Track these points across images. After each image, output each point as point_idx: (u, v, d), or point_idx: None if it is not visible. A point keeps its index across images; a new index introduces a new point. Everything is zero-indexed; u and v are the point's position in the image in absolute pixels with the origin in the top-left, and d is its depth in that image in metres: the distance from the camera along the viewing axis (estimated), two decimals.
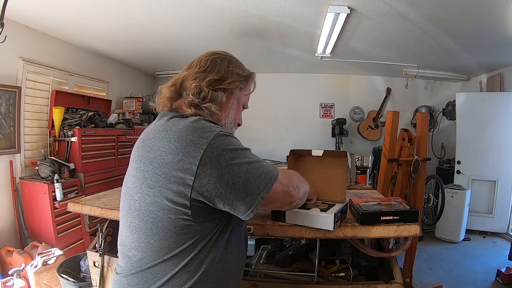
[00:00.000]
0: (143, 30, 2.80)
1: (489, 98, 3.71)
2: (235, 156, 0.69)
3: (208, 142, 0.67)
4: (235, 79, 0.85)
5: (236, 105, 0.90)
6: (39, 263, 2.04)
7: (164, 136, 0.71)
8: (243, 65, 0.92)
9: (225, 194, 0.68)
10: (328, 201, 1.11)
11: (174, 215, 0.68)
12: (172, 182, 0.67)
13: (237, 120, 0.92)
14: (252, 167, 0.71)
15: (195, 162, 0.66)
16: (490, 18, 2.33)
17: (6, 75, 2.42)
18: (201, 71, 0.82)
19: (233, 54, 0.92)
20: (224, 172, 0.67)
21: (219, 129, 0.72)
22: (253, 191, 0.70)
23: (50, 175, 2.52)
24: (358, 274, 1.29)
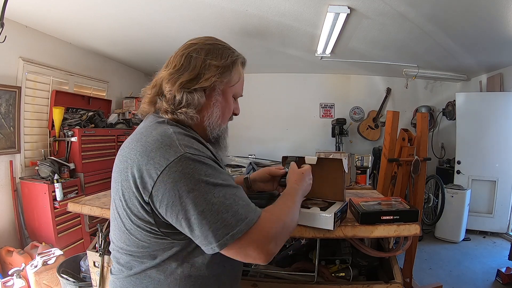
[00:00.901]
0: (143, 30, 2.80)
1: (489, 98, 3.71)
2: (193, 188, 0.60)
3: (167, 164, 0.61)
4: (212, 74, 0.74)
5: (222, 100, 0.79)
6: (39, 263, 2.04)
7: (134, 148, 0.67)
8: (227, 49, 0.79)
9: (176, 223, 0.63)
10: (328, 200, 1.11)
11: (144, 231, 0.67)
12: (134, 198, 0.65)
13: (226, 115, 0.82)
14: (210, 209, 0.60)
15: (151, 183, 0.61)
16: (490, 18, 2.33)
17: (6, 75, 2.42)
18: (175, 71, 0.74)
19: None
20: (175, 202, 0.61)
21: (186, 149, 0.63)
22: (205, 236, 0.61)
23: (50, 175, 2.52)
24: (358, 274, 1.29)
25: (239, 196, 0.65)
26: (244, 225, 0.62)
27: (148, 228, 0.66)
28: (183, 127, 0.73)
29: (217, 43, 0.79)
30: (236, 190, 0.66)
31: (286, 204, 0.77)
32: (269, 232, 0.65)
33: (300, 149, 4.69)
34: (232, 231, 0.61)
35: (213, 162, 0.67)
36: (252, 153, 4.32)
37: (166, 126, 0.70)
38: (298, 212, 0.80)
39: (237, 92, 0.83)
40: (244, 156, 4.09)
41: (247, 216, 0.63)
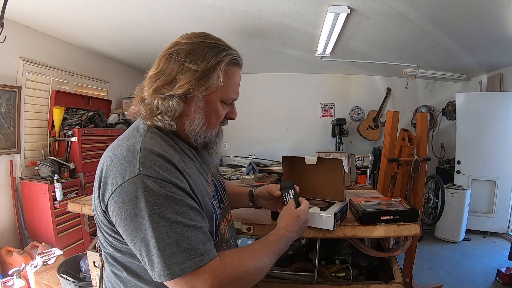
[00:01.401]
0: (143, 30, 2.80)
1: (489, 98, 3.71)
2: (136, 214, 0.57)
3: (121, 183, 0.59)
4: (188, 80, 0.67)
5: (206, 106, 0.71)
6: (39, 263, 2.04)
7: (107, 156, 0.66)
8: (214, 49, 0.70)
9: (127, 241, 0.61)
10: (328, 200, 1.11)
11: (114, 240, 0.67)
12: (99, 208, 0.65)
13: (212, 122, 0.74)
14: (146, 242, 0.57)
15: (107, 195, 0.61)
16: (490, 18, 2.33)
17: (6, 75, 2.42)
18: (154, 74, 0.69)
19: None
20: (121, 222, 0.59)
21: (144, 170, 0.58)
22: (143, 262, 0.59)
23: (50, 175, 2.52)
24: (358, 274, 1.29)
25: (186, 236, 0.58)
26: (178, 270, 0.56)
27: (114, 237, 0.66)
28: (162, 135, 0.70)
29: (204, 41, 0.71)
30: (187, 229, 0.58)
31: (259, 252, 0.70)
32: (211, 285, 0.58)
33: (300, 149, 4.69)
34: (161, 272, 0.56)
35: (172, 188, 0.60)
36: (252, 153, 4.33)
37: (139, 137, 0.66)
38: (270, 263, 0.71)
39: (227, 96, 0.74)
40: (244, 156, 4.09)
41: (184, 262, 0.57)
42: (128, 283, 0.69)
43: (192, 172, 0.69)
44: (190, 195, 0.63)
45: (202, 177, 0.75)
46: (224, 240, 0.80)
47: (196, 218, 0.62)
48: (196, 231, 0.60)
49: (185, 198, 0.61)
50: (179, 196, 0.60)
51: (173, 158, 0.64)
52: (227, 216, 0.88)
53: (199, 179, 0.71)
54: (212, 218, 0.73)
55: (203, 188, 0.71)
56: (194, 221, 0.61)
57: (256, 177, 2.16)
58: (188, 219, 0.60)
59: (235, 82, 0.75)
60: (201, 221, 0.63)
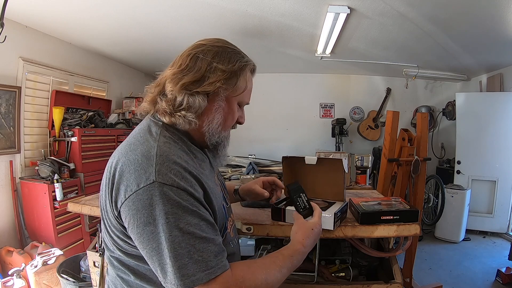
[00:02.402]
0: (143, 30, 2.80)
1: (489, 98, 3.71)
2: (150, 223, 0.58)
3: (135, 190, 0.59)
4: (218, 78, 0.70)
5: (226, 106, 0.74)
6: (39, 263, 2.04)
7: (119, 160, 0.65)
8: (237, 54, 0.75)
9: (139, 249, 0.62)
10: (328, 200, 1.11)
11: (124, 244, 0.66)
12: (111, 213, 0.65)
13: (228, 123, 0.77)
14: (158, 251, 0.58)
15: (120, 201, 0.61)
16: (490, 18, 2.33)
17: (6, 75, 2.42)
18: (179, 71, 0.70)
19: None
20: (134, 229, 0.60)
21: (160, 177, 0.58)
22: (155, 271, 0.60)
23: (50, 175, 2.52)
24: (358, 274, 1.29)
25: (197, 248, 0.58)
26: (189, 282, 0.56)
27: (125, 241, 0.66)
28: (175, 137, 0.70)
29: (227, 46, 0.75)
30: (199, 240, 0.59)
31: (272, 266, 0.69)
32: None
33: (300, 149, 4.69)
34: (173, 282, 0.57)
35: (187, 196, 0.60)
36: (252, 153, 4.32)
37: (153, 142, 0.65)
38: (283, 278, 0.70)
39: (243, 100, 0.80)
40: (244, 156, 4.09)
41: (195, 274, 0.57)
42: (135, 287, 0.69)
43: (206, 177, 0.69)
44: (203, 205, 0.63)
45: (213, 179, 0.77)
46: (231, 238, 0.82)
47: (208, 230, 0.62)
48: (207, 242, 0.60)
49: (199, 208, 0.62)
50: (193, 206, 0.60)
51: (188, 164, 0.64)
52: (232, 215, 0.91)
53: (212, 183, 0.72)
54: (223, 219, 0.75)
55: (216, 191, 0.73)
56: (206, 233, 0.61)
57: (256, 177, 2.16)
58: (200, 230, 0.60)
59: (250, 88, 0.81)
60: (212, 233, 0.63)
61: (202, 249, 0.59)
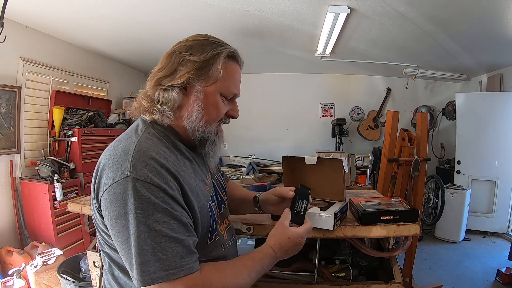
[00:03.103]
0: (143, 30, 2.80)
1: (489, 98, 3.71)
2: (120, 216, 0.58)
3: (110, 184, 0.60)
4: (187, 70, 0.69)
5: (205, 98, 0.72)
6: (39, 263, 2.04)
7: (103, 156, 0.67)
8: (213, 44, 0.73)
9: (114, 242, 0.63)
10: (328, 200, 1.11)
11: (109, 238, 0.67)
12: (94, 206, 0.67)
13: (212, 116, 0.74)
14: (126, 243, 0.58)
15: (100, 194, 0.63)
16: (490, 18, 2.33)
17: (6, 75, 2.42)
18: (157, 70, 0.73)
19: None
20: (108, 220, 0.61)
21: (134, 172, 0.59)
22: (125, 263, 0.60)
23: (50, 175, 2.52)
24: (358, 274, 1.29)
25: (162, 246, 0.57)
26: (148, 279, 0.56)
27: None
28: (160, 134, 0.71)
29: (204, 38, 0.74)
30: (165, 239, 0.57)
31: (242, 269, 0.68)
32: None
33: (300, 149, 4.69)
34: (135, 277, 0.57)
35: (160, 193, 0.59)
36: (252, 153, 4.33)
37: (135, 139, 0.66)
38: (251, 281, 0.69)
39: (228, 91, 0.74)
40: (244, 156, 4.09)
41: (156, 272, 0.56)
42: (125, 286, 0.69)
43: (187, 175, 0.68)
44: (178, 202, 0.62)
45: (200, 178, 0.75)
46: (223, 241, 0.80)
47: (179, 230, 0.60)
48: (174, 242, 0.59)
49: (172, 206, 0.60)
50: (164, 203, 0.59)
51: (167, 160, 0.64)
52: (228, 216, 0.89)
53: (194, 181, 0.71)
54: (209, 219, 0.73)
55: (199, 190, 0.71)
56: (176, 233, 0.59)
57: (256, 177, 2.17)
58: (168, 229, 0.58)
59: (235, 77, 0.76)
60: (183, 233, 0.61)
61: (168, 248, 0.58)
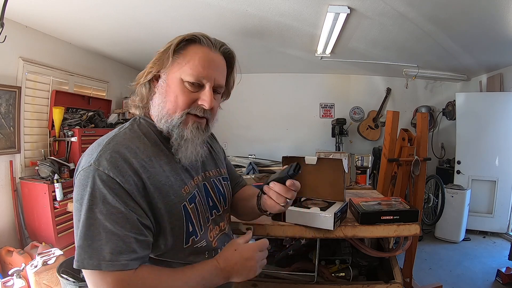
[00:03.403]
0: (143, 30, 2.80)
1: (489, 98, 3.71)
2: (78, 200, 0.62)
3: (79, 171, 0.64)
4: (151, 65, 0.74)
5: (166, 86, 0.72)
6: (39, 263, 2.04)
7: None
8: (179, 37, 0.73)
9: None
10: (328, 200, 1.11)
11: None
12: None
13: (173, 103, 0.71)
14: (77, 226, 0.61)
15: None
16: (490, 18, 2.33)
17: (6, 75, 2.42)
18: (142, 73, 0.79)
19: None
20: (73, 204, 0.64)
21: (96, 163, 0.61)
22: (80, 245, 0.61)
23: (50, 175, 2.52)
24: (358, 274, 1.29)
25: (100, 237, 0.59)
26: (80, 263, 0.58)
27: None
28: (144, 130, 0.74)
29: (182, 36, 0.74)
30: (105, 232, 0.59)
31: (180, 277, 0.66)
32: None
33: (300, 149, 4.69)
34: (75, 257, 0.59)
35: (115, 185, 0.61)
36: (252, 153, 4.33)
37: (115, 132, 0.71)
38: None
39: (188, 73, 0.70)
40: (244, 156, 4.09)
41: (85, 259, 0.58)
42: None
43: (158, 172, 0.68)
44: (133, 197, 0.62)
45: (178, 177, 0.72)
46: (209, 248, 0.77)
47: (124, 225, 0.60)
48: (113, 236, 0.59)
49: (124, 199, 0.61)
50: (115, 196, 0.60)
51: (135, 155, 0.66)
52: (221, 224, 0.85)
53: (167, 179, 0.69)
54: (181, 221, 0.70)
55: (171, 189, 0.69)
56: (119, 227, 0.59)
57: (256, 177, 2.16)
58: (111, 222, 0.59)
59: (195, 59, 0.71)
60: (128, 229, 0.60)
61: (106, 240, 0.59)
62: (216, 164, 0.90)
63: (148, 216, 0.65)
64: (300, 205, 1.07)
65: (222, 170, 0.91)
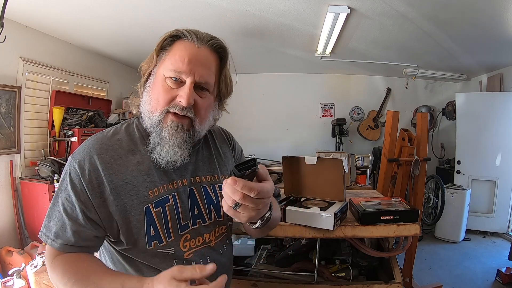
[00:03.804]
0: (143, 30, 2.80)
1: (489, 98, 3.71)
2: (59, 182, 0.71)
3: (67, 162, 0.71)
4: (146, 61, 0.76)
5: (153, 83, 0.72)
6: (39, 263, 2.04)
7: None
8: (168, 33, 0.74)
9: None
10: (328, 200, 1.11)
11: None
12: None
13: (157, 100, 0.69)
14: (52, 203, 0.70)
15: None
16: (490, 18, 2.33)
17: (6, 75, 2.42)
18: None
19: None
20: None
21: (73, 157, 0.69)
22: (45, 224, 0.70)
23: (50, 175, 2.52)
24: (358, 274, 1.29)
25: (54, 218, 0.68)
26: (40, 234, 0.70)
27: None
28: (130, 127, 0.77)
29: (168, 32, 0.75)
30: (59, 213, 0.68)
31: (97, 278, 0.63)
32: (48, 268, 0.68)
33: (300, 149, 4.69)
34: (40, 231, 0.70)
35: (76, 176, 0.67)
36: (252, 153, 4.32)
37: (102, 132, 0.75)
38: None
39: (168, 68, 0.69)
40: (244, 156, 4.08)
41: (46, 234, 0.68)
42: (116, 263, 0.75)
43: (121, 169, 0.69)
44: (86, 190, 0.66)
45: (147, 178, 0.69)
46: (180, 257, 0.71)
47: (70, 213, 0.67)
48: (60, 220, 0.67)
49: (78, 190, 0.66)
50: (73, 186, 0.67)
51: (106, 152, 0.69)
52: (206, 236, 0.75)
53: (132, 178, 0.68)
54: (141, 222, 0.67)
55: (133, 188, 0.67)
56: (66, 214, 0.67)
57: None
58: (63, 208, 0.67)
59: (175, 55, 0.70)
60: (72, 217, 0.67)
61: (55, 220, 0.68)
62: (214, 170, 0.81)
63: (98, 211, 0.67)
64: (300, 205, 1.07)
65: (222, 177, 0.81)
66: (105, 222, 0.68)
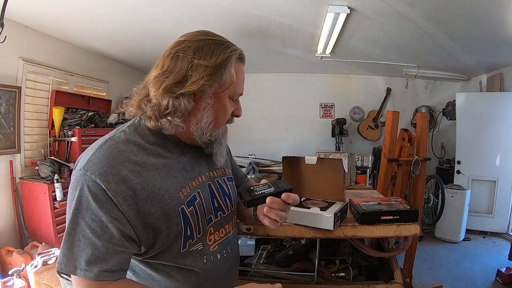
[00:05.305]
0: (143, 30, 2.80)
1: (489, 98, 3.71)
2: (67, 202, 0.63)
3: (73, 172, 0.63)
4: (201, 76, 0.65)
5: (215, 103, 0.70)
6: (39, 263, 2.04)
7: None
8: (220, 45, 0.69)
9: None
10: (328, 200, 1.11)
11: None
12: None
13: (220, 119, 0.73)
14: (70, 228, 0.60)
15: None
16: (490, 19, 2.33)
17: (6, 75, 2.42)
18: (160, 73, 0.67)
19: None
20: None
21: (85, 168, 0.60)
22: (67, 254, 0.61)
23: (50, 175, 2.52)
24: (358, 274, 1.29)
25: (78, 244, 0.59)
26: (59, 265, 0.61)
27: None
28: (140, 131, 0.69)
29: (208, 38, 0.70)
30: (84, 239, 0.59)
31: None
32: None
33: (300, 149, 4.69)
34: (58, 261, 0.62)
35: (100, 191, 0.59)
36: (252, 153, 4.32)
37: (111, 136, 0.67)
38: None
39: (236, 92, 0.73)
40: (244, 156, 4.09)
41: (63, 262, 0.60)
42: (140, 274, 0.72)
43: (150, 174, 0.65)
44: (117, 204, 0.60)
45: (175, 180, 0.69)
46: (207, 252, 0.74)
47: (102, 234, 0.59)
48: (91, 245, 0.59)
49: (106, 208, 0.59)
50: (98, 203, 0.59)
51: (128, 159, 0.63)
52: (226, 226, 0.80)
53: (163, 183, 0.66)
54: (179, 225, 0.68)
55: (165, 192, 0.66)
56: (97, 236, 0.59)
57: (256, 177, 2.16)
58: (91, 230, 0.59)
59: (241, 77, 0.74)
60: (106, 238, 0.59)
61: (82, 246, 0.59)
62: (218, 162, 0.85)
63: (134, 226, 0.62)
64: (300, 205, 1.07)
65: (226, 169, 0.88)
66: (140, 236, 0.64)
